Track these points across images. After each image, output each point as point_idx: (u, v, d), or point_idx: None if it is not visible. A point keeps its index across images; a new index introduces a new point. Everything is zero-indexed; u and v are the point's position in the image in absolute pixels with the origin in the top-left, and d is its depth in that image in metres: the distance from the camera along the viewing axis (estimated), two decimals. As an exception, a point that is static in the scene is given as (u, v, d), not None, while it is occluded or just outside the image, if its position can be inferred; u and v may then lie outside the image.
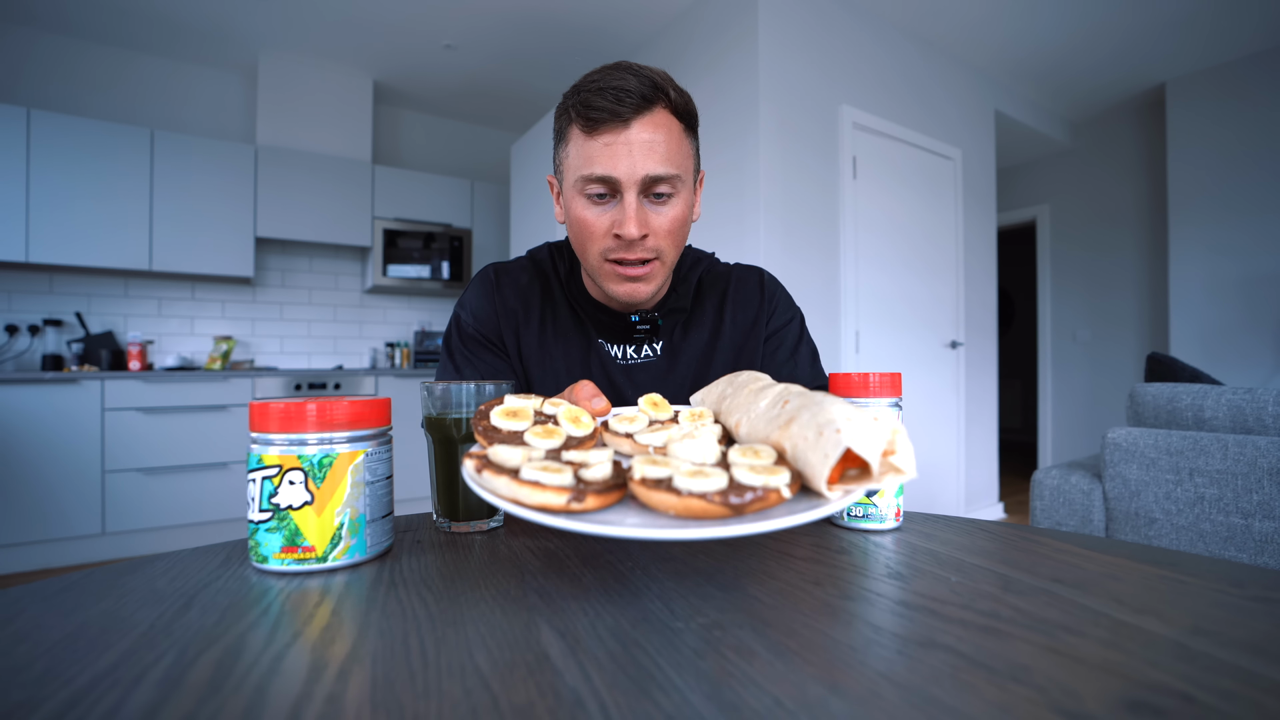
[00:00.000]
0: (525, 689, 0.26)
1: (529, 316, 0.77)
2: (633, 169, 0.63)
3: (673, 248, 0.70)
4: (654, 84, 0.64)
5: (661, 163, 0.64)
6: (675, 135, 0.66)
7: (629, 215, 0.64)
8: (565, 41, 3.18)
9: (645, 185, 0.65)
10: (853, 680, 0.27)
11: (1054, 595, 0.37)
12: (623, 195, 0.65)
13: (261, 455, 0.43)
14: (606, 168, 0.63)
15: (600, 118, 0.63)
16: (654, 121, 0.64)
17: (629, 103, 0.62)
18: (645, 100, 0.63)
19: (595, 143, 0.64)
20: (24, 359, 2.97)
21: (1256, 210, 3.26)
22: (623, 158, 0.63)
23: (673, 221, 0.67)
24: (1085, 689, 0.26)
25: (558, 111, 0.69)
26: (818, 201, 2.63)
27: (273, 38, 3.17)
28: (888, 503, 0.54)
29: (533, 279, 0.79)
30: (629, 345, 0.78)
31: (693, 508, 0.32)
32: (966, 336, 3.30)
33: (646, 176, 0.64)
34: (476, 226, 3.93)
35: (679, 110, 0.67)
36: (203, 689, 0.26)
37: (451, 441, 0.54)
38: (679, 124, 0.67)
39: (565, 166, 0.69)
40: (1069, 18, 2.97)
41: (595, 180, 0.64)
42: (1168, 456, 1.40)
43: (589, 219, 0.67)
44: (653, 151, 0.63)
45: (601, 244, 0.67)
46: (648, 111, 0.64)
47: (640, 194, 0.65)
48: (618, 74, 0.64)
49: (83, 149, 2.85)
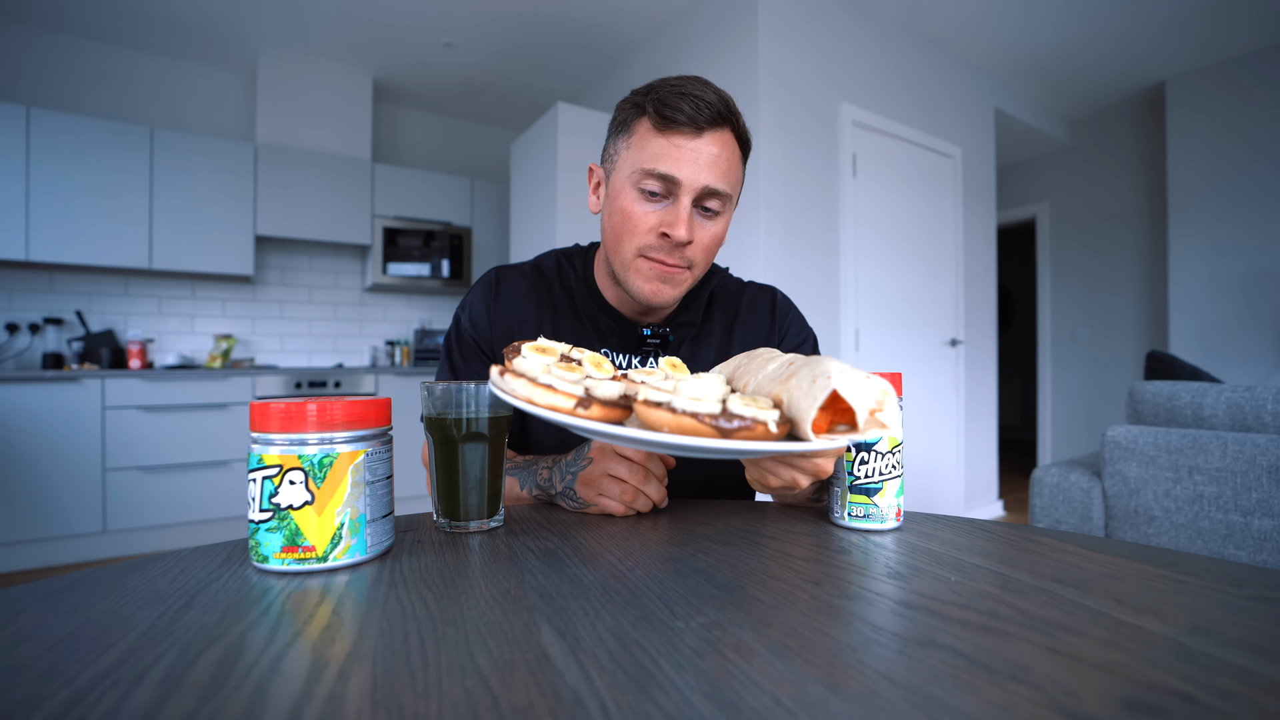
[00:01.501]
0: (525, 688, 0.26)
1: (524, 327, 0.78)
2: (696, 175, 0.65)
3: (705, 264, 0.72)
4: (729, 105, 0.67)
5: (722, 178, 0.67)
6: (735, 158, 0.69)
7: (681, 217, 0.66)
8: (565, 40, 3.18)
9: (701, 195, 0.67)
10: (852, 680, 0.27)
11: (1054, 595, 0.37)
12: (678, 198, 0.66)
13: (262, 455, 0.43)
14: (672, 167, 0.65)
15: (678, 119, 0.65)
16: (722, 139, 0.67)
17: (706, 114, 0.65)
18: (720, 117, 0.66)
19: (666, 141, 0.65)
20: (24, 357, 2.96)
21: (1256, 207, 3.26)
22: (688, 162, 0.65)
23: (714, 238, 0.70)
24: (1085, 689, 0.26)
25: (624, 104, 0.70)
26: (817, 199, 2.63)
27: (272, 36, 3.17)
28: (888, 503, 0.54)
29: (533, 287, 0.80)
30: (635, 357, 0.78)
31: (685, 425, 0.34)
32: (966, 334, 3.30)
33: (706, 187, 0.66)
34: (476, 224, 3.93)
35: (741, 137, 0.70)
36: (203, 689, 0.26)
37: (452, 441, 0.54)
38: (739, 150, 0.70)
39: (622, 158, 0.70)
40: (1069, 16, 2.96)
41: (657, 176, 0.66)
42: (1167, 454, 1.40)
43: (637, 213, 0.68)
44: (716, 165, 0.66)
45: (642, 240, 0.68)
46: (719, 128, 0.66)
47: (694, 202, 0.67)
48: (699, 84, 0.66)
49: (83, 147, 2.85)
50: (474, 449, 0.55)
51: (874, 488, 0.54)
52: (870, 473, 0.54)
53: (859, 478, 0.55)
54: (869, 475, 0.54)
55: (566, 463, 0.63)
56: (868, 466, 0.54)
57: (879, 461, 0.54)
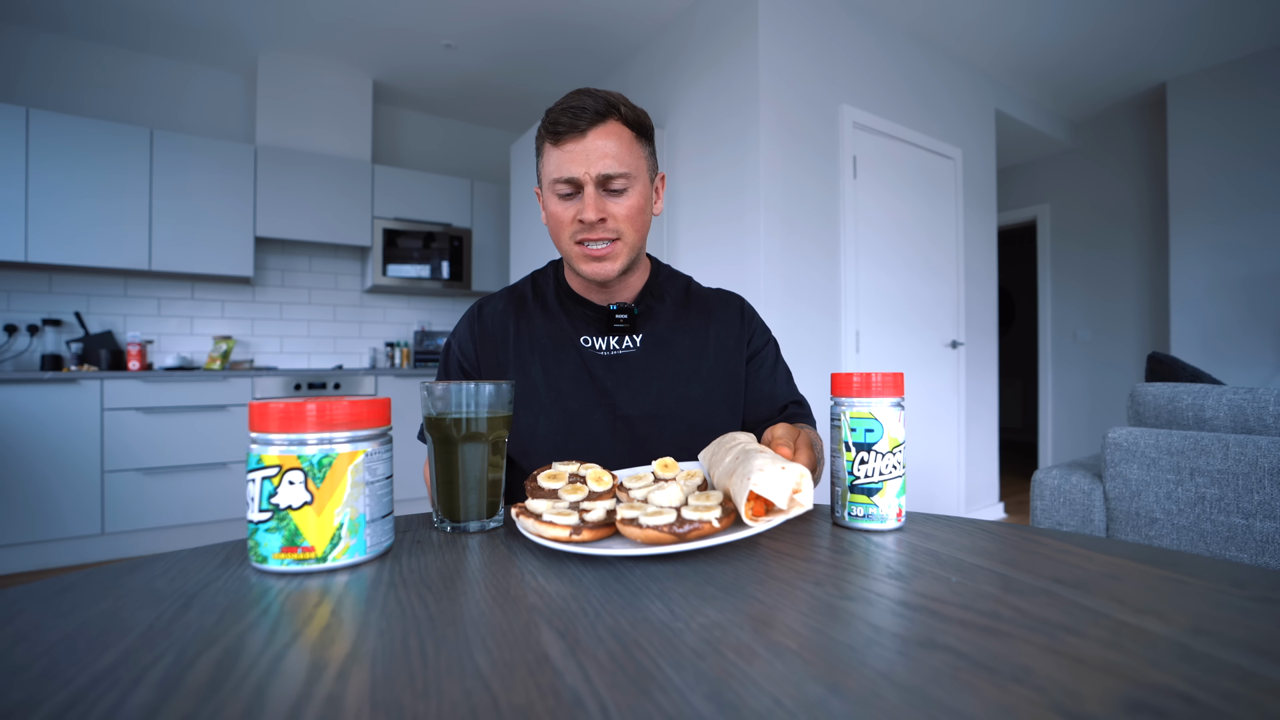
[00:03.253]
0: (525, 689, 0.26)
1: (506, 336, 0.88)
2: (588, 168, 0.77)
3: (633, 231, 0.82)
4: (607, 102, 0.78)
5: (613, 163, 0.78)
6: (626, 141, 0.79)
7: (588, 203, 0.78)
8: (565, 41, 3.18)
9: (600, 181, 0.78)
10: (853, 680, 0.27)
11: (1055, 596, 0.37)
12: (584, 190, 0.78)
13: (261, 455, 0.43)
14: (568, 170, 0.78)
15: (563, 131, 0.77)
16: (606, 131, 0.78)
17: (585, 118, 0.77)
18: (599, 115, 0.77)
19: (560, 151, 0.78)
20: (23, 359, 2.96)
21: (1258, 209, 3.26)
22: (579, 161, 0.77)
23: (629, 209, 0.80)
24: (1086, 689, 0.26)
25: (536, 134, 0.83)
26: (818, 200, 2.63)
27: (272, 37, 3.17)
28: (889, 503, 0.54)
29: (509, 305, 0.91)
30: (611, 337, 0.87)
31: (650, 536, 0.45)
32: (967, 336, 3.30)
33: (600, 174, 0.77)
34: (476, 226, 3.93)
35: (630, 122, 0.80)
36: (202, 689, 0.26)
37: (451, 441, 0.54)
38: (630, 132, 0.80)
39: (542, 174, 0.83)
40: (1070, 18, 2.97)
41: (562, 181, 0.78)
42: (1168, 456, 1.40)
43: (558, 212, 0.81)
44: (605, 154, 0.77)
45: (569, 229, 0.81)
46: (601, 124, 0.78)
47: (597, 188, 0.78)
48: (577, 97, 0.78)
49: (82, 148, 2.85)
50: (473, 449, 0.55)
51: (874, 488, 0.54)
52: (870, 473, 0.54)
53: (859, 478, 0.54)
54: (869, 475, 0.54)
55: None
56: (868, 466, 0.54)
57: (879, 462, 0.54)
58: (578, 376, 0.85)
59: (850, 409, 0.55)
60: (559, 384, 0.84)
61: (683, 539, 0.44)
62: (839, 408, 0.57)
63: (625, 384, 0.85)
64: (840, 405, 0.57)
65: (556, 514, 0.49)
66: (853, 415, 0.55)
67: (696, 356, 0.88)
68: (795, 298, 2.51)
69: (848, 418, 0.56)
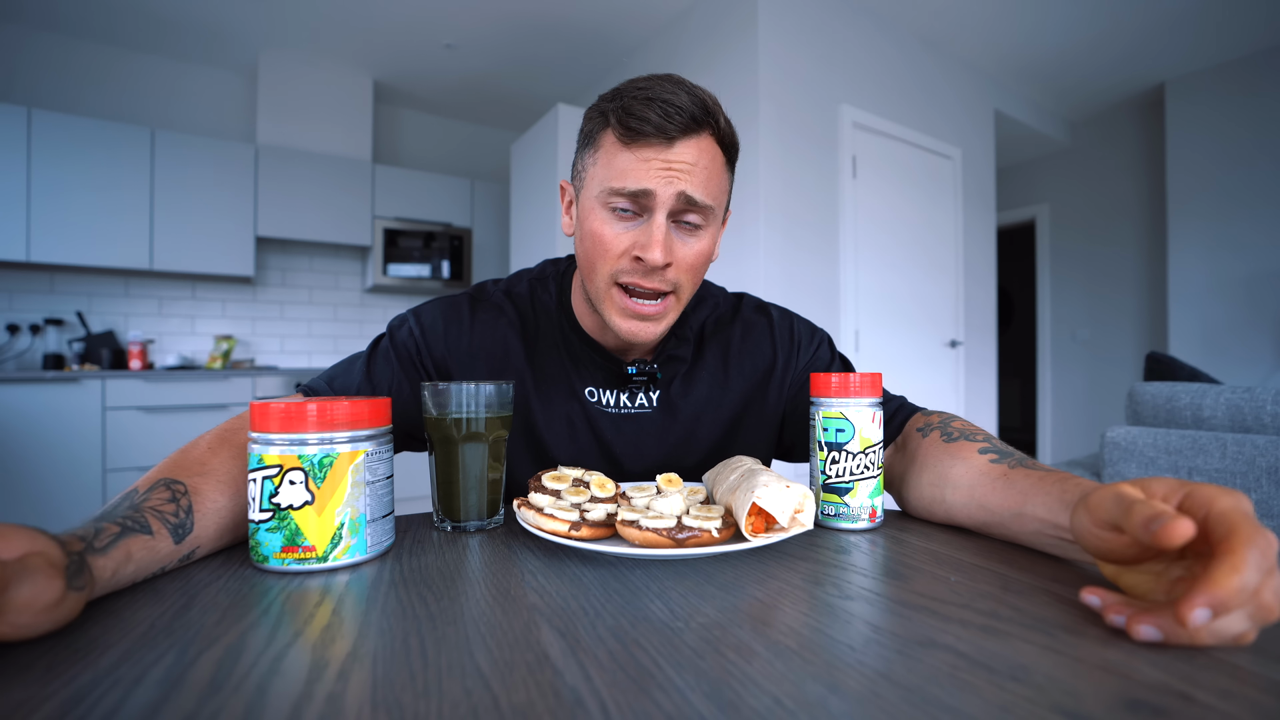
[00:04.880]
0: (525, 688, 0.26)
1: (510, 359, 0.70)
2: (669, 188, 0.57)
3: (691, 285, 0.64)
4: (705, 106, 0.58)
5: (700, 188, 0.59)
6: (717, 166, 0.61)
7: (655, 238, 0.58)
8: (565, 41, 3.18)
9: (678, 210, 0.59)
10: (852, 680, 0.27)
11: (1053, 595, 0.37)
12: (652, 215, 0.59)
13: (262, 455, 0.43)
14: (640, 182, 0.57)
15: (644, 130, 0.57)
16: (699, 146, 0.58)
17: (677, 120, 0.57)
18: (695, 121, 0.57)
19: (633, 155, 0.58)
20: (25, 358, 2.96)
21: (1255, 208, 3.26)
22: (660, 175, 0.57)
23: (698, 255, 0.62)
24: (1084, 688, 0.26)
25: (591, 113, 0.63)
26: (817, 200, 2.63)
27: (273, 37, 3.17)
28: (860, 503, 0.54)
29: (511, 319, 0.72)
30: (623, 392, 0.71)
31: (649, 539, 0.45)
32: (966, 335, 3.30)
33: (682, 196, 0.58)
34: (476, 226, 3.93)
35: (724, 141, 0.61)
36: (203, 688, 0.26)
37: (451, 441, 0.54)
38: (722, 155, 0.62)
39: (589, 175, 0.62)
40: (1070, 20, 2.96)
41: (625, 195, 0.58)
42: (1166, 455, 1.40)
43: (607, 235, 0.60)
44: (693, 175, 0.58)
45: (615, 264, 0.61)
46: (695, 134, 0.58)
47: (670, 218, 0.59)
48: (669, 86, 0.58)
49: (83, 148, 2.85)
50: (473, 449, 0.55)
51: (845, 487, 0.55)
52: (841, 472, 0.55)
53: (830, 477, 0.55)
54: (839, 475, 0.55)
55: None
56: (839, 466, 0.55)
57: (849, 462, 0.54)
58: (578, 430, 0.70)
59: (824, 409, 0.56)
60: (555, 430, 0.70)
61: (680, 545, 0.44)
62: (814, 408, 0.58)
63: (634, 446, 0.71)
64: (815, 405, 0.58)
65: (558, 509, 0.49)
66: (825, 415, 0.56)
67: (710, 405, 0.73)
68: (795, 297, 2.51)
69: (820, 417, 0.56)
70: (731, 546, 0.44)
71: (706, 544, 0.45)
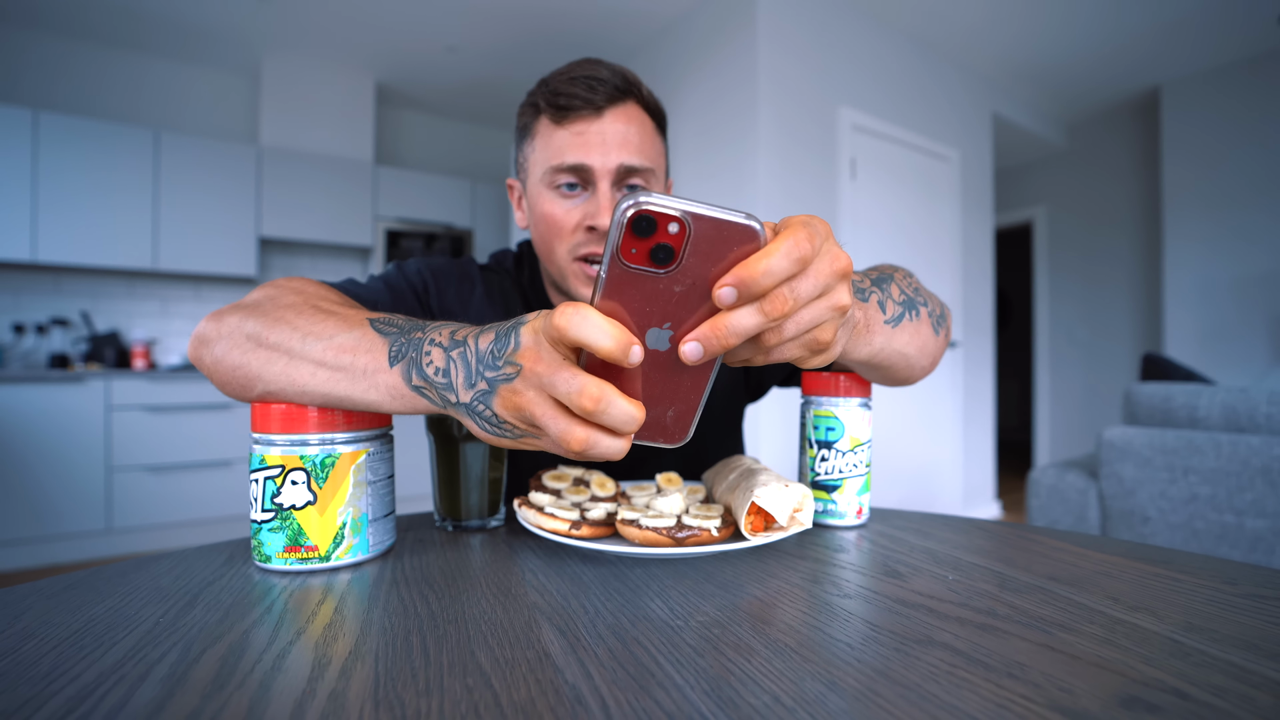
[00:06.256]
0: (526, 686, 0.27)
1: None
2: (606, 157, 0.60)
3: None
4: (626, 78, 0.62)
5: (636, 153, 0.61)
6: (648, 130, 0.64)
7: (603, 205, 0.60)
8: (566, 44, 3.18)
9: (619, 176, 0.61)
10: (851, 677, 0.27)
11: (1050, 593, 0.38)
12: (596, 185, 0.61)
13: (264, 455, 0.43)
14: (579, 156, 0.60)
15: (573, 105, 0.60)
16: (628, 114, 0.61)
17: (602, 91, 0.60)
18: (619, 91, 0.61)
19: (566, 132, 0.60)
20: (31, 358, 2.97)
21: (1249, 210, 3.26)
22: (596, 146, 0.60)
23: None
24: (1081, 685, 0.26)
25: (522, 108, 0.65)
26: (816, 202, 2.63)
27: (276, 39, 3.17)
28: (848, 500, 0.55)
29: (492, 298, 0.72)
30: None
31: (649, 537, 0.45)
32: (964, 336, 3.30)
33: (621, 166, 0.60)
34: (478, 227, 3.93)
35: (650, 107, 0.65)
36: (207, 686, 0.27)
37: (453, 440, 0.55)
38: (650, 120, 0.65)
39: (531, 163, 0.65)
40: (1068, 23, 2.97)
41: (566, 170, 0.60)
42: (1162, 455, 1.40)
43: (558, 213, 0.62)
44: (627, 142, 0.61)
45: (571, 239, 0.62)
46: (621, 103, 0.61)
47: (614, 185, 0.61)
48: (589, 65, 0.62)
49: (89, 150, 2.86)
50: (474, 449, 0.55)
51: (833, 484, 0.55)
52: (830, 470, 0.55)
53: (819, 474, 0.56)
54: (828, 472, 0.55)
55: (480, 353, 0.36)
56: (828, 464, 0.55)
57: (839, 460, 0.55)
58: None
59: (815, 407, 0.57)
60: None
61: (680, 544, 0.45)
62: (806, 406, 0.58)
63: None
64: (807, 403, 0.58)
65: (558, 508, 0.50)
66: (816, 414, 0.57)
67: None
68: (795, 298, 2.51)
69: (811, 416, 0.57)
70: (731, 545, 0.44)
71: (706, 543, 0.45)
